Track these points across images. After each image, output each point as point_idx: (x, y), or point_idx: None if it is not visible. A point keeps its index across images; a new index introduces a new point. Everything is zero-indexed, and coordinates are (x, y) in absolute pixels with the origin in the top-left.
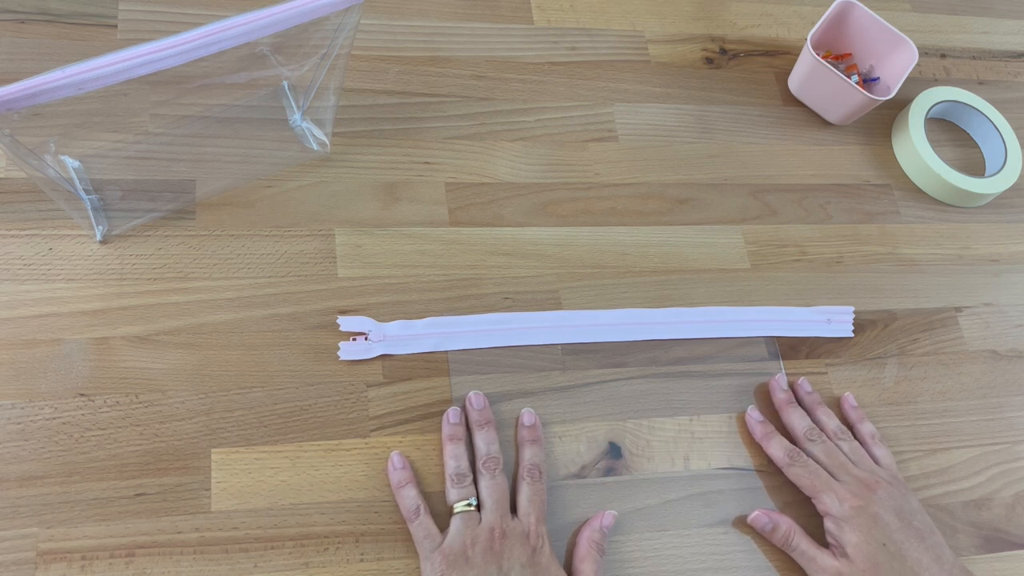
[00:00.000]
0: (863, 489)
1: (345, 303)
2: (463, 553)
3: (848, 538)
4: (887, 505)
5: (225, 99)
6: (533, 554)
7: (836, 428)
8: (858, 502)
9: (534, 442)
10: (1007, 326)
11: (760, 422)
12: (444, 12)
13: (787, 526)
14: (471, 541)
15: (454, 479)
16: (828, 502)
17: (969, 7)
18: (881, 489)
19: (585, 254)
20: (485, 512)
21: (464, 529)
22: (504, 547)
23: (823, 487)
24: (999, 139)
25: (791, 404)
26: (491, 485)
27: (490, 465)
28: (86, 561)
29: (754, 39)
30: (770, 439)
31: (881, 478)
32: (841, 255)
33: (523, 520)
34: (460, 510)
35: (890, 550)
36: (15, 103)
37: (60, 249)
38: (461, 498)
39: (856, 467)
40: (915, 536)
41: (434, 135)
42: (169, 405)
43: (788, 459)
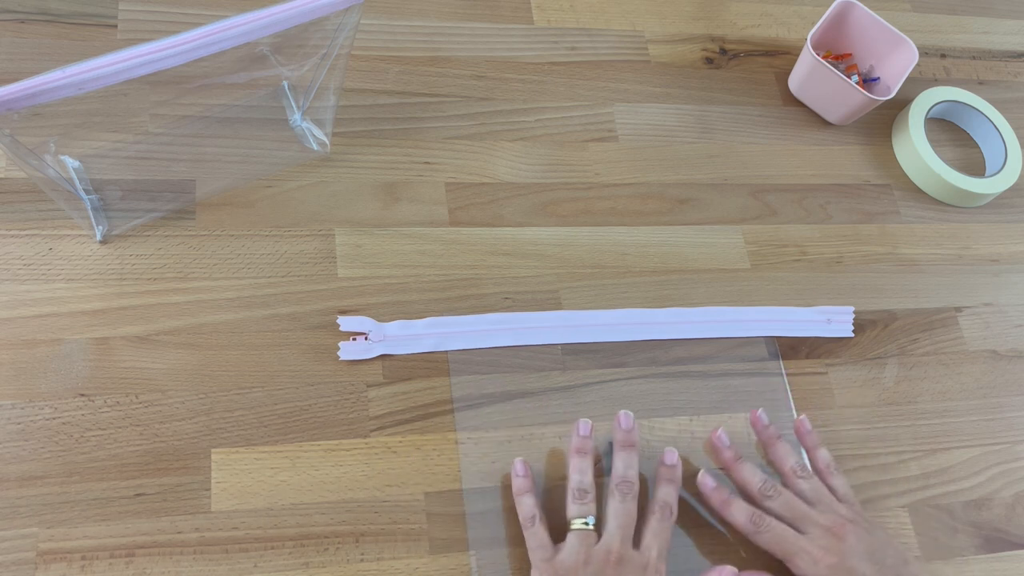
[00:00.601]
0: (832, 540)
1: (345, 303)
2: (574, 570)
3: None
4: (858, 552)
5: (225, 99)
6: None
7: (794, 465)
8: (831, 559)
9: (671, 481)
10: (1007, 326)
11: (715, 488)
12: (444, 12)
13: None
14: (584, 560)
15: (576, 494)
16: (803, 565)
17: (969, 7)
18: (849, 535)
19: (585, 254)
20: (606, 534)
21: (579, 547)
22: (618, 573)
23: (794, 550)
24: (999, 139)
25: (738, 460)
26: (620, 509)
27: (624, 488)
28: (86, 561)
29: (754, 39)
30: (729, 506)
31: (845, 519)
32: (841, 255)
33: (644, 552)
34: (578, 527)
35: None
36: (15, 103)
37: (60, 249)
38: (581, 515)
39: (819, 513)
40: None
41: (434, 135)
42: (169, 405)
43: (752, 526)
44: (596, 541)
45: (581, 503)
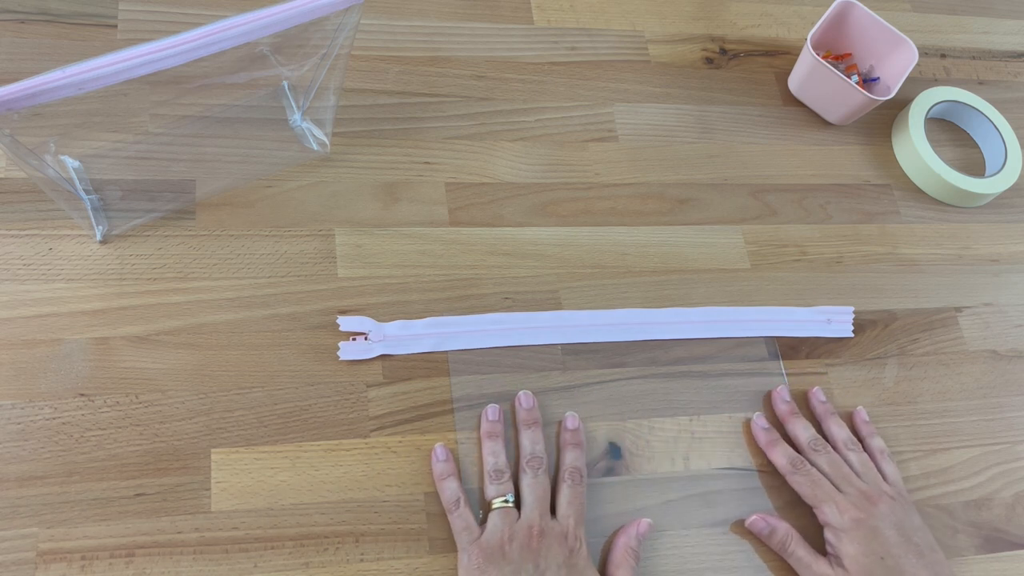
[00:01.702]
0: (865, 502)
1: (345, 303)
2: (500, 548)
3: (846, 549)
4: (888, 519)
5: (225, 99)
6: (570, 555)
7: (846, 439)
8: (858, 514)
9: (576, 445)
10: (1007, 326)
11: (765, 429)
12: (444, 12)
13: (784, 531)
14: (508, 537)
15: (492, 475)
16: (828, 512)
17: (969, 7)
18: (883, 503)
19: (585, 254)
20: (525, 509)
21: (502, 525)
22: (542, 546)
23: (824, 497)
24: (999, 139)
25: (795, 415)
26: (533, 483)
27: (534, 464)
28: (86, 561)
29: (754, 39)
30: (774, 446)
31: (885, 492)
32: (841, 255)
33: (562, 521)
34: (498, 506)
35: (887, 564)
36: (15, 103)
37: (60, 249)
38: (499, 494)
39: (861, 480)
40: (914, 552)
41: (434, 135)
42: (169, 405)
43: (791, 467)
44: (517, 518)
45: (498, 483)
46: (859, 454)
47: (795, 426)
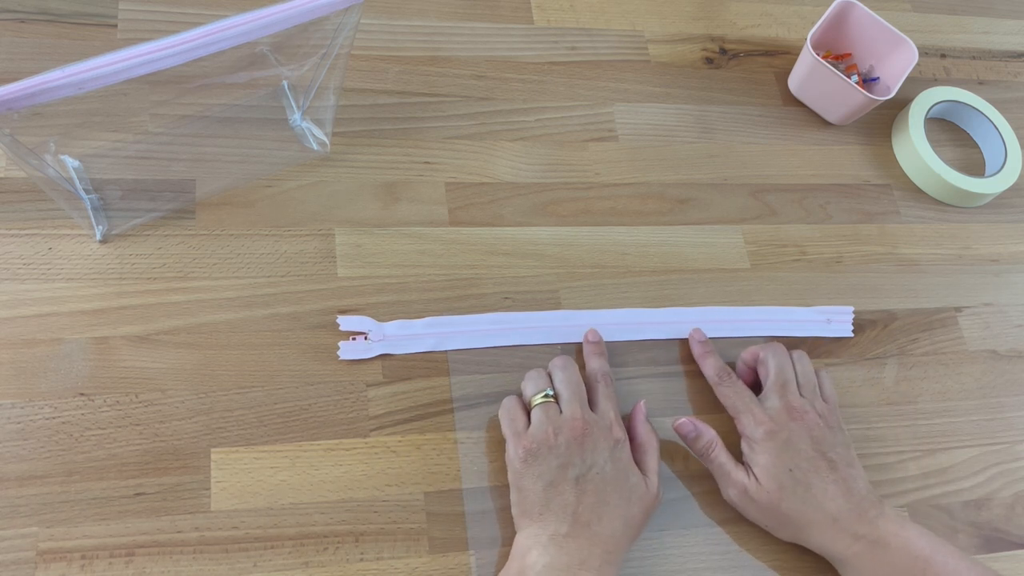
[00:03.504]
0: (783, 416)
1: (345, 303)
2: (546, 441)
3: (758, 459)
4: (803, 434)
5: (225, 99)
6: (615, 447)
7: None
8: (772, 427)
9: (600, 355)
10: (1007, 326)
11: (700, 341)
12: (444, 12)
13: (710, 437)
14: (554, 430)
15: (527, 378)
16: (746, 423)
17: (969, 7)
18: (807, 418)
19: (585, 254)
20: (565, 403)
21: (545, 418)
22: (587, 437)
23: (744, 408)
24: (999, 139)
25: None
26: (566, 378)
27: (559, 363)
28: (86, 561)
29: (754, 39)
30: (706, 357)
31: (813, 408)
32: (841, 255)
33: (603, 415)
34: (539, 401)
35: (795, 476)
36: (15, 103)
37: (60, 249)
38: (538, 390)
39: (794, 394)
40: (826, 466)
41: (434, 135)
42: (169, 405)
43: (717, 378)
44: (559, 412)
45: (535, 380)
46: (804, 365)
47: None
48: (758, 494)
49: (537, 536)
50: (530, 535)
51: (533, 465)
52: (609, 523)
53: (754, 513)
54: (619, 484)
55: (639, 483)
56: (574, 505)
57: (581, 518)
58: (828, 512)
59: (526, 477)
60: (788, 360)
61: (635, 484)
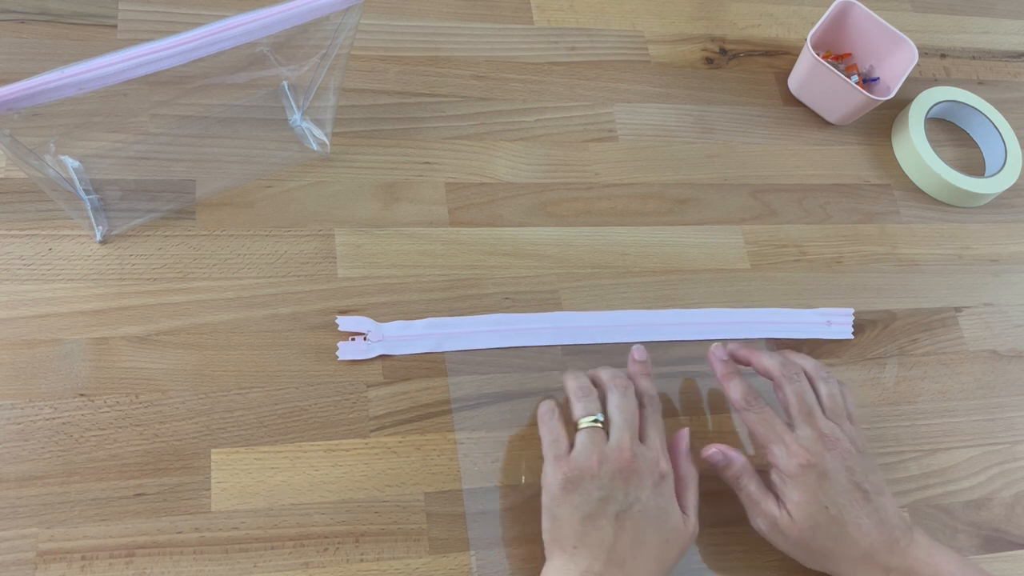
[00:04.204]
0: (818, 445)
1: (345, 303)
2: (590, 470)
3: (791, 495)
4: (839, 465)
5: (225, 99)
6: (660, 481)
7: (814, 367)
8: (808, 458)
9: (647, 376)
10: (1007, 326)
11: (723, 361)
12: (444, 12)
13: (741, 465)
14: (599, 459)
15: (578, 393)
16: (778, 454)
17: (969, 7)
18: (839, 447)
19: (585, 254)
20: (615, 430)
21: (591, 445)
22: (633, 470)
23: (774, 437)
24: (999, 139)
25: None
26: (622, 404)
27: (620, 383)
28: (86, 561)
29: (754, 39)
30: (730, 379)
31: (844, 435)
32: (841, 255)
33: (651, 445)
34: (586, 425)
35: (831, 513)
36: (15, 103)
37: (60, 249)
38: (587, 412)
39: (823, 417)
40: (861, 497)
41: (434, 135)
42: (169, 405)
43: (744, 403)
44: (606, 439)
45: (585, 401)
46: (829, 385)
47: (761, 358)
48: (789, 529)
49: (567, 571)
50: (559, 568)
51: (572, 494)
52: (644, 564)
53: (783, 545)
54: (660, 523)
55: (679, 523)
56: (611, 542)
57: (616, 556)
58: (861, 547)
59: (563, 505)
60: (806, 383)
61: (675, 524)
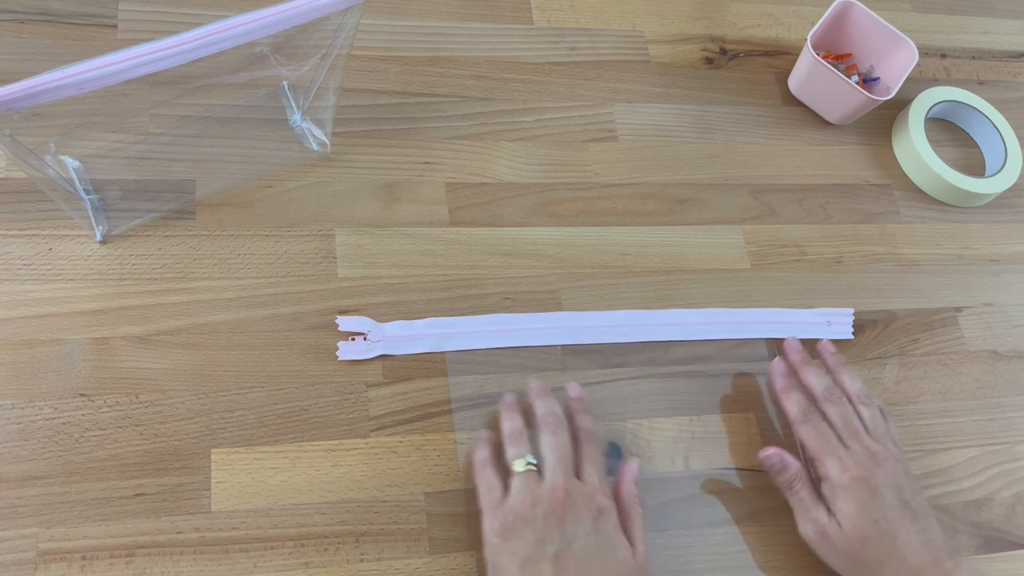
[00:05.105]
0: (870, 461)
1: (345, 303)
2: (523, 515)
3: (842, 507)
4: (889, 481)
5: (225, 99)
6: (598, 517)
7: (859, 392)
8: (860, 472)
9: (584, 412)
10: (1007, 326)
11: (783, 375)
12: (444, 12)
13: (795, 470)
14: (532, 501)
15: (510, 438)
16: (830, 467)
17: (969, 7)
18: (888, 464)
19: (585, 254)
20: (548, 471)
21: (524, 489)
22: (568, 510)
23: (829, 451)
24: (999, 139)
25: (808, 363)
26: (553, 443)
27: (551, 421)
28: (86, 561)
29: (754, 39)
30: (789, 392)
31: (892, 455)
32: (841, 255)
33: (587, 481)
34: (520, 469)
35: (882, 527)
36: (15, 103)
37: (60, 249)
38: (519, 455)
39: (869, 437)
40: (909, 516)
41: (434, 135)
42: (169, 405)
43: (802, 416)
44: (540, 481)
45: (517, 445)
46: (871, 409)
47: (809, 375)
48: (839, 539)
49: None
50: None
51: (510, 540)
52: None
53: (830, 554)
54: (603, 558)
55: (626, 555)
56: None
57: None
58: (910, 564)
59: (502, 553)
60: (849, 407)
61: (621, 557)
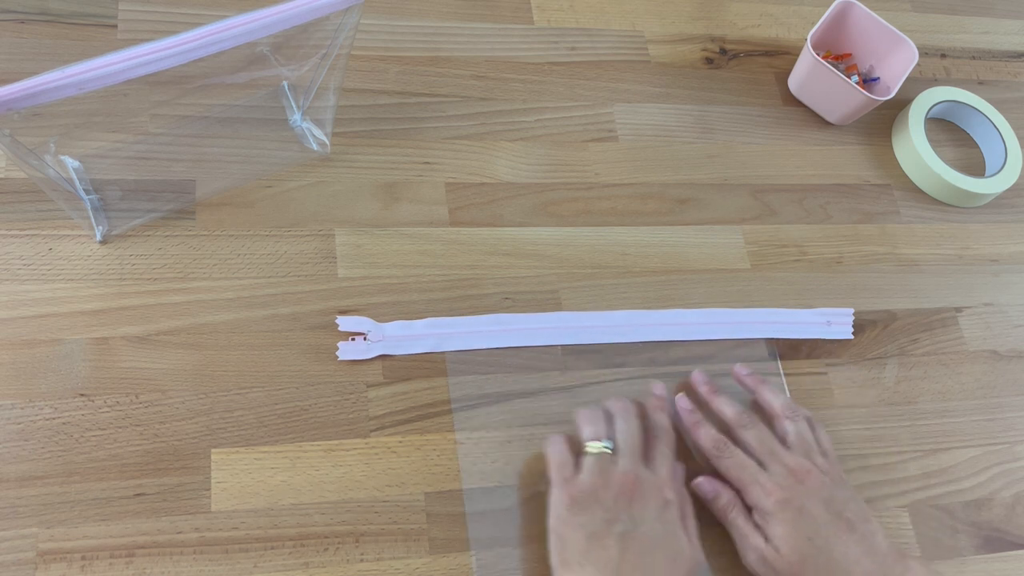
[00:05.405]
0: (791, 480)
1: (345, 303)
2: (594, 493)
3: (774, 530)
4: (816, 496)
5: (225, 99)
6: (664, 508)
7: (783, 406)
8: (783, 494)
9: (663, 411)
10: (1007, 326)
11: (689, 411)
12: (444, 12)
13: (728, 498)
14: (604, 483)
15: (589, 421)
16: (755, 494)
17: (969, 7)
18: (811, 479)
19: (585, 254)
20: (621, 456)
21: (597, 469)
22: (637, 495)
23: (750, 480)
24: (999, 139)
25: (716, 392)
26: (627, 430)
27: (625, 411)
28: (86, 561)
29: (754, 39)
30: (699, 428)
31: (815, 467)
32: (841, 255)
33: (657, 472)
34: (596, 450)
35: (816, 544)
36: (15, 103)
37: (60, 249)
38: (596, 437)
39: (790, 455)
40: (845, 528)
41: (434, 135)
42: (169, 405)
43: (716, 451)
44: (612, 463)
45: (594, 425)
46: (797, 423)
47: (719, 403)
48: (777, 562)
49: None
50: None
51: (578, 514)
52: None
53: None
54: (666, 545)
55: (685, 547)
56: (616, 561)
57: (623, 574)
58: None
59: (569, 525)
60: (762, 427)
61: (682, 547)
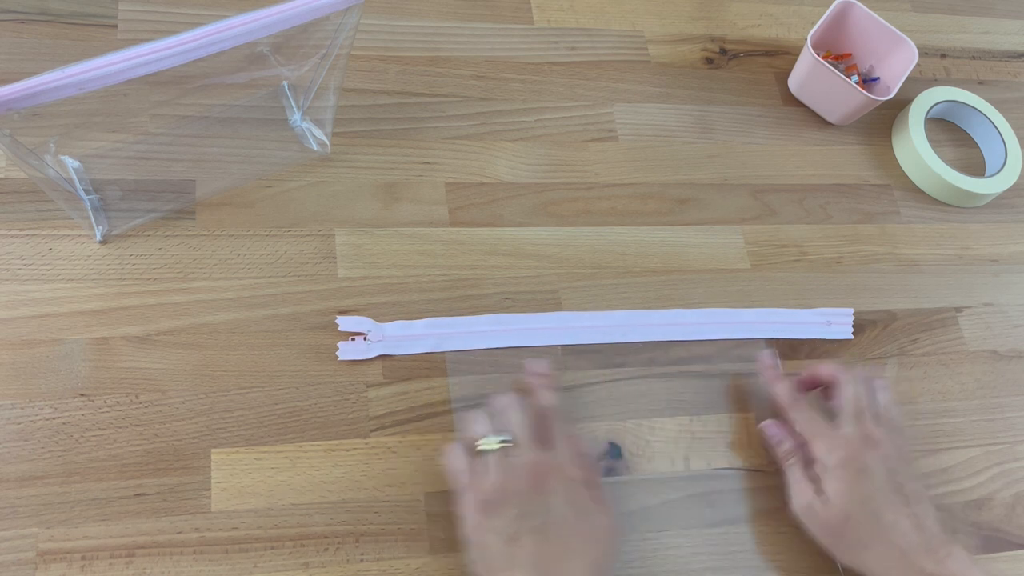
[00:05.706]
0: (860, 443)
1: (345, 303)
2: (503, 490)
3: (831, 486)
4: (880, 464)
5: (225, 99)
6: (572, 488)
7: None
8: (847, 453)
9: (548, 387)
10: (1007, 326)
11: (771, 365)
12: (444, 12)
13: (791, 446)
14: (511, 477)
15: (475, 423)
16: (819, 448)
17: (969, 7)
18: (881, 447)
19: (585, 254)
20: (520, 447)
21: (502, 466)
22: (543, 482)
23: (818, 432)
24: (999, 139)
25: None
26: (520, 419)
27: (511, 403)
28: (86, 561)
29: (754, 39)
30: (778, 380)
31: (889, 441)
32: (841, 255)
33: (557, 453)
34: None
35: (868, 507)
36: (15, 103)
37: (60, 249)
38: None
39: (868, 422)
40: (900, 500)
41: (434, 135)
42: (169, 405)
43: (791, 400)
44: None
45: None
46: (886, 396)
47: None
48: (825, 515)
49: None
50: None
51: (492, 517)
52: (578, 570)
53: (815, 528)
54: (581, 524)
55: (600, 519)
56: (536, 555)
57: (547, 569)
58: (898, 547)
59: (486, 531)
60: (865, 388)
61: (598, 522)
